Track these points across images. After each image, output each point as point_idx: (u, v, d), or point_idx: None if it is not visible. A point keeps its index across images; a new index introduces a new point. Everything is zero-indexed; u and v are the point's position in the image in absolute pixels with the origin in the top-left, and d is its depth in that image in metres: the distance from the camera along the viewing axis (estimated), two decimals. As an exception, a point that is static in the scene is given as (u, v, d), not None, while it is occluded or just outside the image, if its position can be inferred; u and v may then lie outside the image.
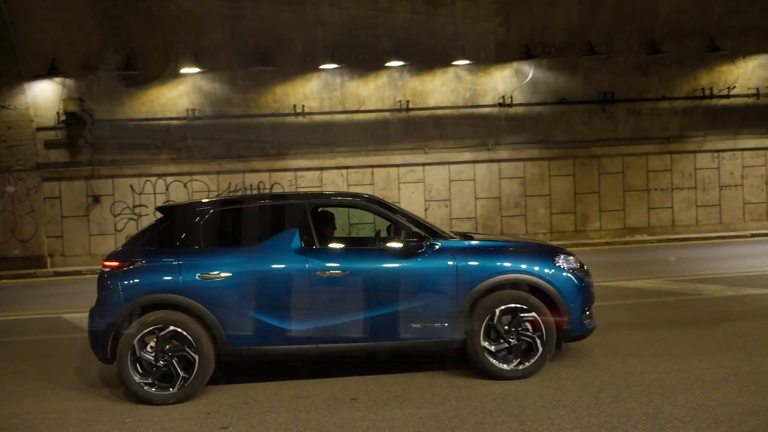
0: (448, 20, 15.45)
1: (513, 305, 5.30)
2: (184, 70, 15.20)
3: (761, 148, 17.30)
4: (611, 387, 5.07)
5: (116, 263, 5.32)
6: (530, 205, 16.64)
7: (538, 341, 5.30)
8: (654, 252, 14.49)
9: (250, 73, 15.44)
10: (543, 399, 4.89)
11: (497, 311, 5.29)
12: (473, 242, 5.60)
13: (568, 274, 5.49)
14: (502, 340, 5.31)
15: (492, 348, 5.30)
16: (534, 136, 16.65)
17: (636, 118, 16.85)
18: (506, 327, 5.30)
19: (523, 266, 5.41)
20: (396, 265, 5.36)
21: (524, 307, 5.30)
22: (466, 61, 15.69)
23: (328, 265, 5.29)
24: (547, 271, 5.43)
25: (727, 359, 5.64)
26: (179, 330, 5.11)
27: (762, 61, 16.81)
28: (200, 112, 15.61)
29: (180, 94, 15.60)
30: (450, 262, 5.33)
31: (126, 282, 5.21)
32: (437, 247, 5.37)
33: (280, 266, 5.27)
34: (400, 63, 15.51)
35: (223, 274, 5.21)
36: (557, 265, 5.49)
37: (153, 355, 5.11)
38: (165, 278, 5.22)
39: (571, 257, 5.67)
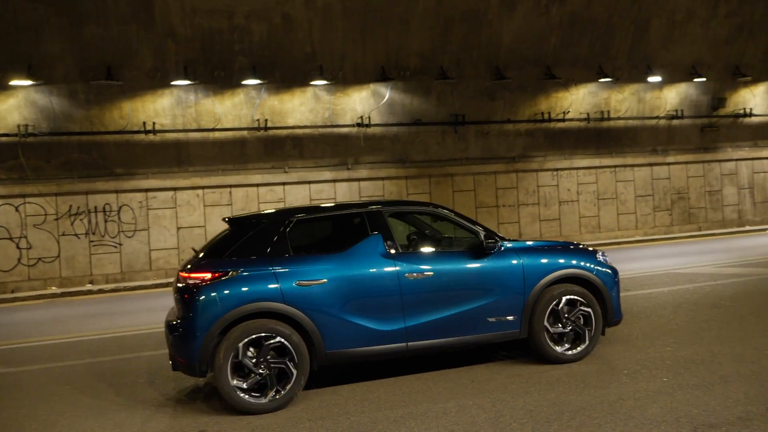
0: (306, 40, 15.51)
1: (570, 297, 5.92)
2: (14, 82, 13.80)
3: (592, 167, 19.15)
4: (458, 396, 5.25)
5: (208, 274, 5.21)
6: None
7: (591, 327, 5.96)
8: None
9: (93, 87, 14.39)
10: (394, 412, 4.94)
11: (556, 303, 5.87)
12: (530, 243, 6.17)
13: (607, 269, 6.20)
14: (561, 329, 5.89)
15: (554, 337, 5.87)
16: (392, 156, 17.12)
17: (485, 139, 17.94)
18: (565, 316, 5.90)
19: (574, 262, 6.04)
20: (474, 265, 5.78)
21: (579, 298, 5.94)
22: (325, 81, 15.81)
23: (417, 267, 5.61)
24: (592, 266, 6.10)
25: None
26: (278, 337, 5.14)
27: (591, 89, 18.67)
28: (35, 128, 14.24)
29: (9, 107, 14.14)
30: (516, 261, 5.87)
31: (224, 292, 5.14)
32: (503, 248, 5.88)
33: (372, 270, 5.50)
34: (258, 81, 15.27)
35: (319, 280, 5.32)
36: (599, 260, 6.19)
37: (253, 363, 5.09)
38: (264, 287, 5.22)
39: (606, 254, 6.41)
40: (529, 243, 6.15)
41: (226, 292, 5.13)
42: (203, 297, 5.12)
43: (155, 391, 5.95)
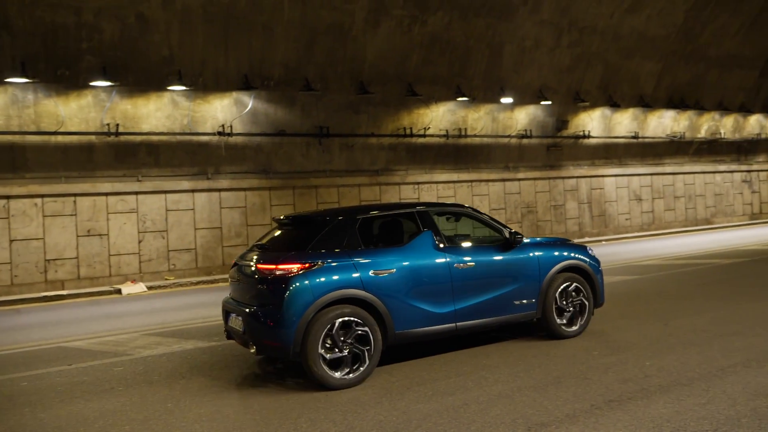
0: (163, 43, 14.76)
1: (571, 283, 7.11)
2: None
3: (451, 182, 20.04)
4: (310, 410, 5.17)
5: (298, 264, 5.74)
6: (252, 234, 16.61)
7: (586, 308, 7.21)
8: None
9: None
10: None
11: (563, 288, 7.03)
12: (539, 239, 7.39)
13: (595, 261, 7.44)
14: (565, 310, 7.07)
15: (563, 317, 7.03)
16: (255, 166, 16.75)
17: (349, 152, 18.13)
18: (569, 299, 7.08)
19: (573, 254, 7.23)
20: (504, 257, 6.79)
21: (578, 285, 7.15)
22: (183, 87, 15.12)
23: (463, 258, 6.49)
24: (586, 258, 7.34)
25: (412, 370, 6.20)
26: (359, 321, 5.80)
27: (449, 107, 19.57)
28: None
29: None
30: (533, 253, 6.96)
31: (315, 281, 5.72)
32: (522, 242, 6.91)
33: (429, 261, 6.31)
34: (108, 83, 14.25)
35: (389, 270, 6.06)
36: (589, 253, 7.44)
37: (339, 344, 5.69)
38: (348, 275, 5.86)
39: (592, 248, 7.73)
40: (539, 239, 7.37)
41: (318, 280, 5.72)
42: (296, 285, 5.64)
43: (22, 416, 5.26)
